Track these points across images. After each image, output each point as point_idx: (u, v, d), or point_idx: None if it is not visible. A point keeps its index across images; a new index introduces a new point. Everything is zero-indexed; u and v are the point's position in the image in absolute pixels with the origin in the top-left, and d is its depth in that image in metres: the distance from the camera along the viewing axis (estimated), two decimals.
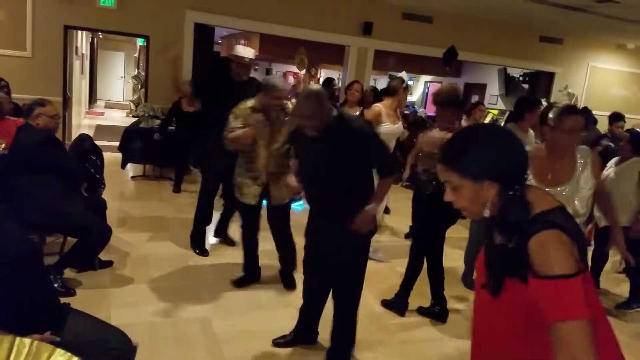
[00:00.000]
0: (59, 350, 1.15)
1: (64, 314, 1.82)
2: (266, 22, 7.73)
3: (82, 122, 10.90)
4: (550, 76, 10.31)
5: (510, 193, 1.16)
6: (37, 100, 3.13)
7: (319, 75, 14.03)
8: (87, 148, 4.00)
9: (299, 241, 2.96)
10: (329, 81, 6.69)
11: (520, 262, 1.10)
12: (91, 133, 9.95)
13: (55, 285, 3.09)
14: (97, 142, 8.78)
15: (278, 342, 2.84)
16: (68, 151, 4.18)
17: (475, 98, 12.93)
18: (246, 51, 4.08)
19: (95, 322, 1.90)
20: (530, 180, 2.20)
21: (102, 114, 13.63)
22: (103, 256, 3.59)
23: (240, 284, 3.55)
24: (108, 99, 16.20)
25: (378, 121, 4.04)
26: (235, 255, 4.09)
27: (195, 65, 7.51)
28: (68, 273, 3.31)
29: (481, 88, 12.64)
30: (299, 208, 5.24)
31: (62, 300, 3.02)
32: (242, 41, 12.08)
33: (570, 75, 10.33)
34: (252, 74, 4.37)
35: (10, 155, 3.10)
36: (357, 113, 4.62)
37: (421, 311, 3.41)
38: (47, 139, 3.03)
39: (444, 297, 3.35)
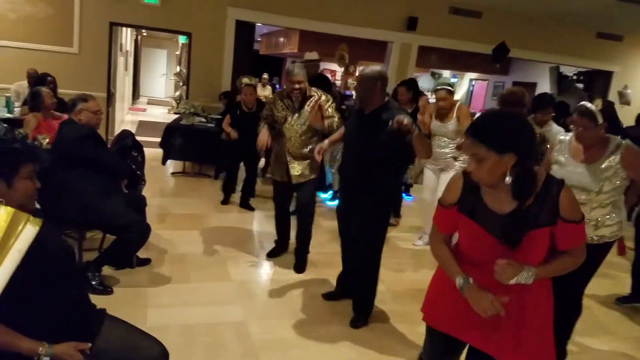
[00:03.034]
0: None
1: (98, 320, 1.73)
2: (307, 18, 7.61)
3: (125, 118, 11.13)
4: (607, 75, 9.72)
5: (525, 165, 1.47)
6: (80, 96, 3.10)
7: (357, 73, 13.83)
8: (128, 144, 3.96)
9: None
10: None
11: (555, 211, 1.50)
12: (133, 129, 10.15)
13: (94, 282, 3.06)
14: (139, 138, 8.93)
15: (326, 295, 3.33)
16: (110, 147, 4.19)
17: None
18: (312, 55, 4.89)
19: (130, 330, 1.80)
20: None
21: (145, 110, 13.91)
22: (141, 254, 3.54)
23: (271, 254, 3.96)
24: (150, 95, 16.55)
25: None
26: (276, 259, 3.98)
27: (235, 63, 7.48)
28: (106, 270, 3.27)
29: (531, 87, 12.07)
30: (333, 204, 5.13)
31: (100, 298, 3.02)
32: (282, 39, 12.04)
33: (629, 75, 9.70)
34: None
35: (52, 150, 3.09)
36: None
37: None
38: (88, 135, 2.98)
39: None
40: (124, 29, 9.17)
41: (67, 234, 3.41)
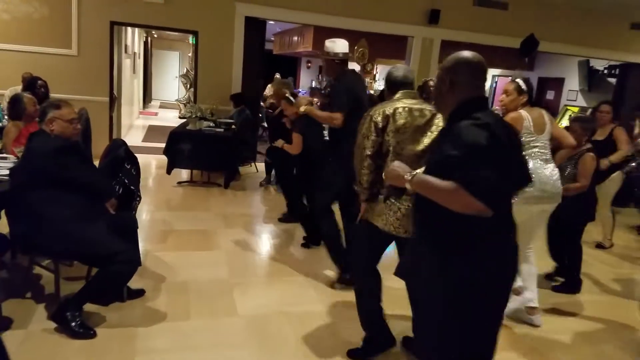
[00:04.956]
0: None
1: None
2: (321, 13, 7.08)
3: (134, 123, 10.75)
4: None
5: None
6: (52, 102, 2.62)
7: (375, 71, 13.24)
8: (121, 155, 3.47)
9: None
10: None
11: None
12: (143, 133, 9.76)
13: (73, 324, 2.56)
14: (148, 144, 8.51)
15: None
16: (102, 157, 3.71)
17: (550, 94, 11.70)
18: (336, 45, 3.46)
19: None
20: None
21: (156, 114, 13.52)
22: (135, 283, 3.05)
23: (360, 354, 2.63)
24: (163, 99, 16.20)
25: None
26: (297, 281, 3.46)
27: (245, 63, 6.99)
28: (91, 305, 2.77)
29: (558, 83, 11.36)
30: None
31: (80, 343, 2.54)
32: (295, 38, 11.54)
33: None
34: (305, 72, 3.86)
35: (20, 167, 2.61)
36: None
37: None
38: (61, 148, 2.50)
39: None
40: (130, 30, 8.76)
41: (40, 264, 2.95)
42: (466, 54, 1.74)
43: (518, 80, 3.11)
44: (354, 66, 11.56)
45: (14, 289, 3.02)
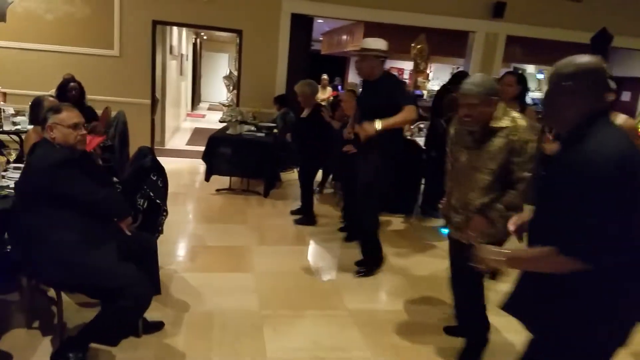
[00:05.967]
0: None
1: None
2: (373, 8, 6.55)
3: (181, 125, 10.63)
4: None
5: None
6: (53, 106, 2.28)
7: (429, 70, 12.48)
8: (146, 165, 3.11)
9: None
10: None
11: None
12: (188, 136, 9.59)
13: None
14: (191, 147, 8.26)
15: None
16: (128, 166, 3.38)
17: (627, 95, 10.53)
18: (375, 43, 3.48)
19: None
20: None
21: (204, 116, 13.45)
22: (155, 311, 2.68)
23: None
24: (212, 101, 16.17)
25: None
26: (339, 317, 2.96)
27: (290, 63, 6.57)
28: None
29: (636, 83, 10.19)
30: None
31: None
32: (345, 36, 11.06)
33: None
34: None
35: (20, 184, 2.27)
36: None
37: None
38: (59, 163, 2.12)
39: None
40: (176, 30, 8.60)
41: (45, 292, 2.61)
42: (587, 58, 1.44)
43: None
44: (404, 66, 10.80)
45: (24, 316, 2.71)
